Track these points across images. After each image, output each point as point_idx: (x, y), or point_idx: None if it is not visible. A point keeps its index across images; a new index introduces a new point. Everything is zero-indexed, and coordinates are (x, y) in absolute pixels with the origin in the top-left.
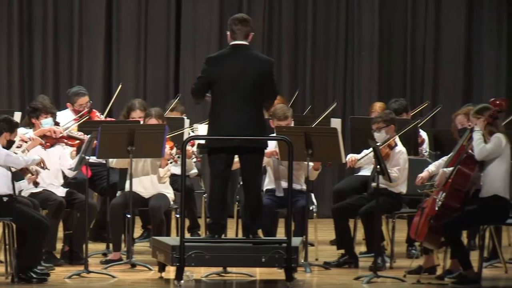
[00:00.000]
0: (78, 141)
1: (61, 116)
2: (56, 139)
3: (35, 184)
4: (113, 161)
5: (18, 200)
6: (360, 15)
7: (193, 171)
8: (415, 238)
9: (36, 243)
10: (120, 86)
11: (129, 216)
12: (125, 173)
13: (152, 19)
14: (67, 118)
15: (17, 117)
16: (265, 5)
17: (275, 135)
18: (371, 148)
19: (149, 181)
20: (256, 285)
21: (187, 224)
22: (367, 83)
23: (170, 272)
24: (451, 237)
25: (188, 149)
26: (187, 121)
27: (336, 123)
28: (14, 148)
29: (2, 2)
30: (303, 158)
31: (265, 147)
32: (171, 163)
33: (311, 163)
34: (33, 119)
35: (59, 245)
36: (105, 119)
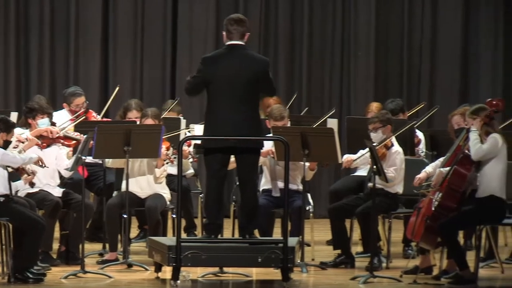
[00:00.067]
0: (74, 142)
1: (57, 116)
2: (52, 139)
3: (31, 184)
4: (109, 161)
5: (14, 200)
6: (356, 16)
7: (190, 171)
8: (411, 238)
9: (32, 243)
10: (117, 88)
11: (125, 216)
12: (122, 173)
13: (148, 19)
14: (63, 118)
15: (14, 117)
16: (262, 6)
17: (271, 135)
18: (368, 148)
19: (145, 181)
20: (252, 285)
21: (183, 224)
22: (363, 84)
23: (166, 272)
24: (447, 237)
25: (184, 149)
26: (183, 122)
27: (332, 123)
28: (10, 148)
29: None
30: (299, 158)
31: (261, 147)
32: (167, 163)
33: (307, 163)
34: (30, 120)
35: (55, 245)
36: (102, 119)
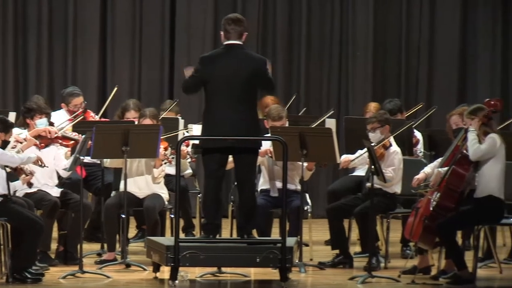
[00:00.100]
0: (72, 142)
1: (55, 116)
2: (51, 140)
3: (29, 185)
4: (107, 161)
5: (13, 200)
6: (354, 17)
7: (188, 171)
8: (409, 238)
9: (30, 243)
10: (115, 88)
11: (123, 216)
12: (120, 173)
13: (146, 19)
14: (61, 118)
15: (12, 117)
16: (260, 7)
17: (269, 135)
18: (366, 148)
19: (143, 181)
20: (250, 285)
21: (181, 224)
22: (361, 84)
23: (164, 272)
24: (445, 237)
25: (182, 149)
26: (181, 122)
27: (330, 123)
28: (9, 148)
29: None
30: (297, 158)
31: (259, 147)
32: (165, 163)
33: (305, 163)
34: (28, 120)
35: (53, 245)
36: (100, 120)
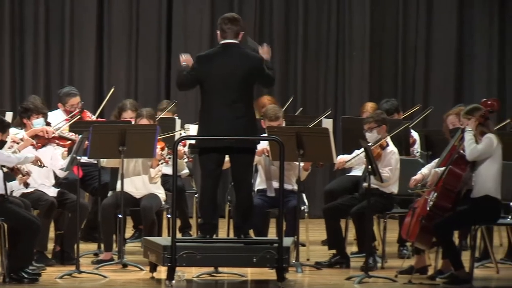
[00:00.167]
0: (69, 142)
1: (52, 116)
2: (47, 140)
3: (26, 185)
4: (104, 160)
5: (9, 200)
6: (351, 18)
7: (185, 171)
8: (406, 238)
9: (27, 243)
10: (112, 89)
11: (120, 216)
12: (117, 173)
13: (143, 20)
14: (58, 118)
15: (9, 117)
16: (256, 7)
17: (266, 135)
18: (363, 148)
19: (140, 181)
20: (247, 285)
21: (178, 224)
22: (358, 84)
23: (161, 272)
24: (442, 237)
25: (179, 149)
26: (178, 122)
27: (327, 123)
28: (5, 148)
29: None
30: (294, 158)
31: (255, 146)
32: (162, 163)
33: (301, 164)
34: (25, 119)
35: (50, 245)
36: (97, 120)
